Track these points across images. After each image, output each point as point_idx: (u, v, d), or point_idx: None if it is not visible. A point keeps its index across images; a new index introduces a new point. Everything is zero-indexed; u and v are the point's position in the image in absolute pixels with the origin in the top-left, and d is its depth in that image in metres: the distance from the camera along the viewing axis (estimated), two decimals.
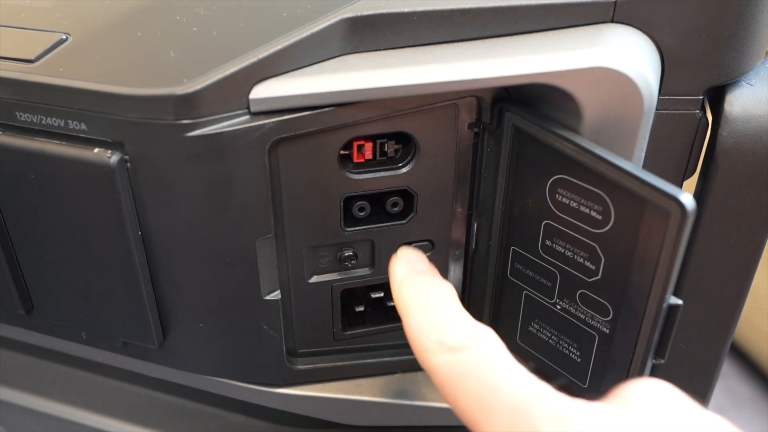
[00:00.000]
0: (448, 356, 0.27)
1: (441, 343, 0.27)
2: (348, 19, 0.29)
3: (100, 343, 0.39)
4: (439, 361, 0.27)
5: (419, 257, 0.34)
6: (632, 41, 0.29)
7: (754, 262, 0.34)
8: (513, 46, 0.30)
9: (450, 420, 0.40)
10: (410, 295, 0.30)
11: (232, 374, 0.38)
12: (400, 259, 0.33)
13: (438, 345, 0.27)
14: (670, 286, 0.28)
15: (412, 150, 0.34)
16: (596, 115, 0.30)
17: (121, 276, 0.33)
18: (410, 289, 0.31)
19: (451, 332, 0.28)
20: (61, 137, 0.30)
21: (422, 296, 0.30)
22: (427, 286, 0.31)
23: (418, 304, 0.30)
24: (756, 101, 0.32)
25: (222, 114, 0.29)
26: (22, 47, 0.31)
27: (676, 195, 0.25)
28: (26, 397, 0.48)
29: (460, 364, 0.26)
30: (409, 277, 0.32)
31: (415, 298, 0.30)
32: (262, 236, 0.33)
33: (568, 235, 0.31)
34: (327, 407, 0.40)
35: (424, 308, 0.29)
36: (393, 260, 0.33)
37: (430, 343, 0.28)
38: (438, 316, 0.29)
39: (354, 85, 0.29)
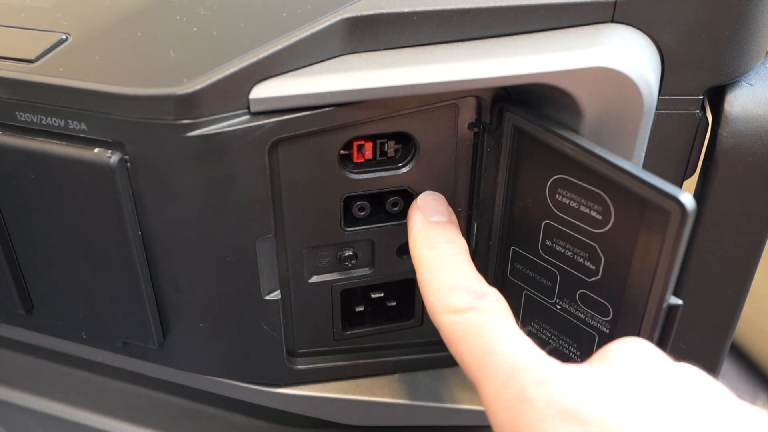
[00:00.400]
0: (453, 316, 0.28)
1: (446, 303, 0.29)
2: (348, 19, 0.29)
3: (100, 343, 0.39)
4: (445, 320, 0.28)
5: (438, 206, 0.34)
6: (632, 41, 0.29)
7: (754, 262, 0.34)
8: (513, 46, 0.30)
9: (450, 420, 0.40)
10: (422, 252, 0.32)
11: (232, 374, 0.38)
12: (418, 206, 0.34)
13: (443, 305, 0.29)
14: (670, 286, 0.28)
15: (412, 150, 0.34)
16: (596, 115, 0.30)
17: (121, 276, 0.33)
18: (423, 246, 0.32)
19: (455, 293, 0.29)
20: (61, 137, 0.30)
21: (434, 253, 0.31)
22: (440, 242, 0.32)
23: (429, 261, 0.31)
24: (756, 101, 0.32)
25: (222, 114, 0.29)
26: (22, 47, 0.31)
27: (676, 195, 0.25)
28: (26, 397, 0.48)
29: (462, 324, 0.28)
30: (423, 231, 0.32)
31: (427, 255, 0.31)
32: (262, 236, 0.33)
33: (568, 235, 0.31)
34: (327, 407, 0.40)
35: (434, 266, 0.31)
36: (412, 208, 0.34)
37: (437, 302, 0.29)
38: (446, 275, 0.30)
39: (354, 85, 0.29)
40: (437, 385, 0.40)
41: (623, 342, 0.26)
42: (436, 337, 0.40)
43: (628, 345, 0.26)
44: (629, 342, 0.26)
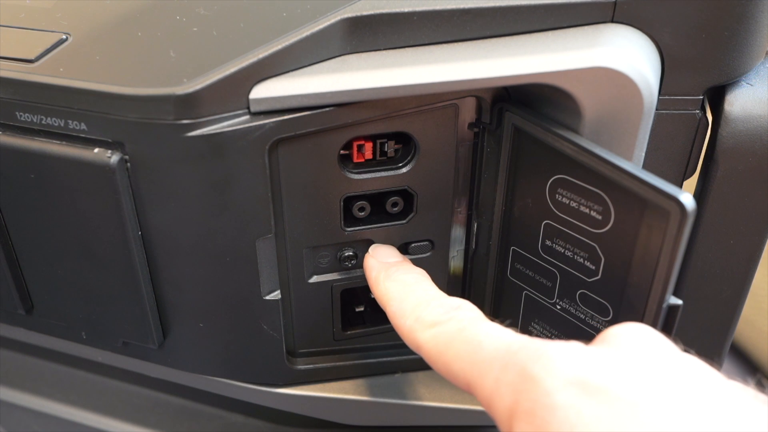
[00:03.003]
0: (432, 330, 0.28)
1: (423, 321, 0.29)
2: (348, 19, 0.29)
3: (100, 343, 0.39)
4: (424, 336, 0.29)
5: (390, 251, 0.35)
6: (632, 41, 0.29)
7: (754, 262, 0.34)
8: (513, 46, 0.30)
9: (450, 420, 0.40)
10: (387, 286, 0.33)
11: (232, 374, 0.38)
12: (372, 255, 0.35)
13: (420, 323, 0.29)
14: (670, 286, 0.28)
15: (412, 150, 0.34)
16: (596, 115, 0.30)
17: (121, 276, 0.33)
18: (386, 281, 0.33)
19: (430, 309, 0.30)
20: (61, 137, 0.30)
21: (397, 285, 0.32)
22: (402, 274, 0.33)
23: (395, 292, 0.32)
24: (756, 101, 0.32)
25: (222, 114, 0.29)
26: (22, 47, 0.31)
27: (676, 195, 0.25)
28: (26, 397, 0.48)
29: (444, 334, 0.28)
30: (384, 270, 0.34)
31: (392, 287, 0.32)
32: (262, 236, 0.33)
33: (568, 235, 0.31)
34: (327, 407, 0.40)
35: (402, 294, 0.32)
36: (366, 258, 0.35)
37: (412, 323, 0.30)
38: (415, 298, 0.31)
39: (354, 85, 0.29)
40: (437, 385, 0.40)
41: (623, 325, 0.26)
42: None
43: (629, 328, 0.25)
44: (629, 325, 0.26)
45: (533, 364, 0.23)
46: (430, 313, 0.29)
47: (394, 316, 0.31)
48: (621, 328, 0.26)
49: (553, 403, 0.22)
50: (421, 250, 0.36)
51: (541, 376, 0.23)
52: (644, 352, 0.24)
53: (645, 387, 0.22)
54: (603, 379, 0.22)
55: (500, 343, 0.25)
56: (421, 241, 0.36)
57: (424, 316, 0.29)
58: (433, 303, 0.30)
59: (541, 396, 0.22)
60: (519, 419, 0.23)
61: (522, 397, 0.23)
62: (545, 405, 0.22)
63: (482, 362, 0.25)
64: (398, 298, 0.31)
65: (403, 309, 0.31)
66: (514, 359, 0.24)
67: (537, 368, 0.23)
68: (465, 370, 0.26)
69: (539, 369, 0.23)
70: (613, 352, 0.24)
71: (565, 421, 0.22)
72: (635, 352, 0.24)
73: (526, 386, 0.23)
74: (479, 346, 0.26)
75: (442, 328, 0.28)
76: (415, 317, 0.30)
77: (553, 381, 0.22)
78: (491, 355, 0.25)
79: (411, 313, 0.30)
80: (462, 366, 0.26)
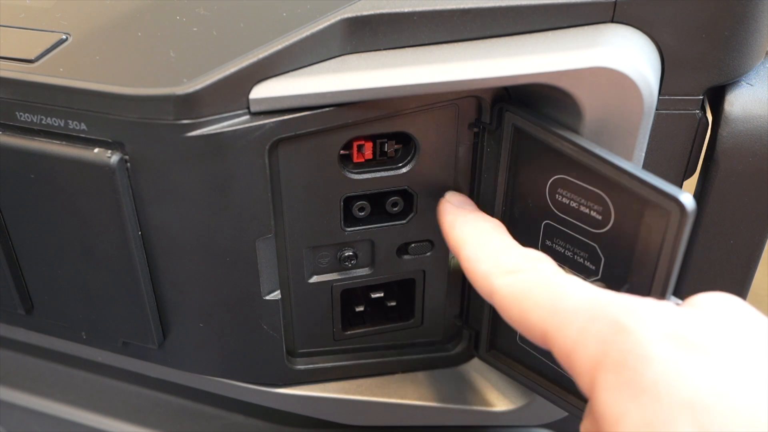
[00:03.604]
0: (511, 277, 0.27)
1: (502, 266, 0.28)
2: (348, 19, 0.29)
3: (100, 343, 0.39)
4: (502, 282, 0.27)
5: (466, 199, 0.34)
6: (632, 41, 0.29)
7: (754, 262, 0.34)
8: (513, 46, 0.30)
9: (450, 420, 0.40)
10: (464, 230, 0.31)
11: (232, 374, 0.38)
12: (448, 200, 0.34)
13: (499, 268, 0.28)
14: (670, 286, 0.28)
15: (412, 150, 0.34)
16: (596, 115, 0.30)
17: (121, 276, 0.33)
18: (463, 225, 0.31)
19: (510, 256, 0.28)
20: (61, 137, 0.30)
21: (475, 229, 0.31)
22: (478, 221, 0.32)
23: (473, 236, 0.31)
24: (756, 101, 0.32)
25: (222, 114, 0.29)
26: (22, 47, 0.31)
27: (676, 195, 0.25)
28: (26, 397, 0.48)
29: (524, 281, 0.27)
30: (460, 215, 0.32)
31: (469, 231, 0.31)
32: (262, 236, 0.33)
33: (568, 235, 0.31)
34: (327, 407, 0.40)
35: (480, 239, 0.30)
36: (441, 202, 0.34)
37: (490, 267, 0.28)
38: (494, 244, 0.30)
39: (354, 85, 0.29)
40: (437, 385, 0.40)
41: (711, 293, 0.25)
42: (436, 337, 0.40)
43: (717, 294, 0.25)
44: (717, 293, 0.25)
45: (627, 316, 0.23)
46: (509, 259, 0.28)
47: (468, 260, 0.29)
48: (709, 295, 0.25)
49: (649, 354, 0.21)
50: (421, 250, 0.36)
51: (636, 327, 0.22)
52: (735, 315, 0.24)
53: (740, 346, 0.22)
54: (699, 336, 0.22)
55: (587, 294, 0.25)
56: (421, 241, 0.36)
57: (504, 262, 0.28)
58: (514, 250, 0.29)
59: (636, 346, 0.22)
60: (606, 369, 0.22)
61: (612, 347, 0.22)
62: (639, 355, 0.21)
63: (566, 311, 0.24)
64: (474, 242, 0.30)
65: (478, 253, 0.29)
66: (604, 311, 0.23)
67: (631, 320, 0.22)
68: (545, 319, 0.25)
69: (634, 320, 0.22)
70: (706, 313, 0.24)
71: (662, 372, 0.21)
72: (727, 315, 0.24)
73: (618, 337, 0.22)
74: (563, 296, 0.25)
75: (523, 276, 0.27)
76: (493, 262, 0.28)
77: (649, 333, 0.22)
78: (577, 305, 0.24)
79: (488, 257, 0.29)
80: (542, 314, 0.25)
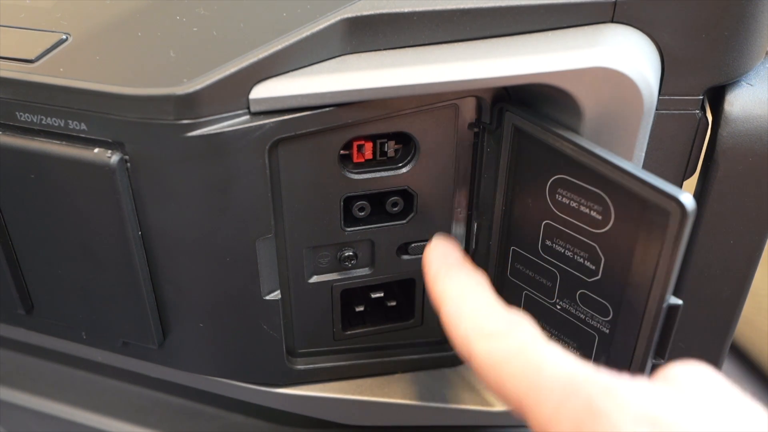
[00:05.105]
0: (489, 342, 0.27)
1: (480, 329, 0.27)
2: (348, 19, 0.29)
3: (100, 343, 0.39)
4: (480, 347, 0.27)
5: (451, 249, 0.34)
6: (632, 41, 0.29)
7: (754, 262, 0.34)
8: (513, 46, 0.30)
9: (450, 420, 0.40)
10: (446, 285, 0.31)
11: (232, 374, 0.38)
12: (433, 249, 0.33)
13: (477, 332, 0.27)
14: (670, 286, 0.28)
15: (412, 150, 0.34)
16: (596, 115, 0.30)
17: (121, 276, 0.33)
18: (445, 280, 0.31)
19: (489, 319, 0.28)
20: (61, 137, 0.30)
21: (457, 286, 0.30)
22: (462, 276, 0.31)
23: (454, 293, 0.30)
24: (756, 101, 0.32)
25: (222, 114, 0.29)
26: (22, 47, 0.31)
27: (676, 195, 0.25)
28: (26, 397, 0.48)
29: (501, 349, 0.26)
30: (443, 268, 0.32)
31: (451, 287, 0.31)
32: (262, 236, 0.33)
33: (568, 235, 0.31)
34: (327, 407, 0.40)
35: (461, 297, 0.30)
36: (426, 251, 0.33)
37: (469, 330, 0.28)
38: (475, 304, 0.29)
39: (354, 85, 0.29)
40: (437, 385, 0.40)
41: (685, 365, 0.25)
42: (436, 337, 0.40)
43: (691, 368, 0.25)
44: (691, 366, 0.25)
45: (602, 397, 0.23)
46: (488, 323, 0.28)
47: (448, 319, 0.29)
48: (683, 368, 0.25)
49: None
50: (421, 250, 0.36)
51: (610, 409, 0.22)
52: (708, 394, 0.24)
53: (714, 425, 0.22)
54: (673, 417, 0.22)
55: (563, 369, 0.24)
56: (421, 241, 0.36)
57: (483, 325, 0.27)
58: (493, 313, 0.28)
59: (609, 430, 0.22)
60: None
61: (586, 428, 0.22)
62: None
63: (542, 386, 0.24)
64: (455, 299, 0.30)
65: (459, 313, 0.29)
66: (580, 389, 0.23)
67: (606, 402, 0.22)
68: (520, 391, 0.25)
69: (608, 403, 0.22)
70: (680, 392, 0.24)
71: None
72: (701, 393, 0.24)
73: (591, 419, 0.22)
74: (540, 369, 0.25)
75: (501, 342, 0.26)
76: (472, 324, 0.28)
77: (623, 416, 0.22)
78: (553, 381, 0.24)
79: (468, 318, 0.28)
80: (517, 386, 0.25)
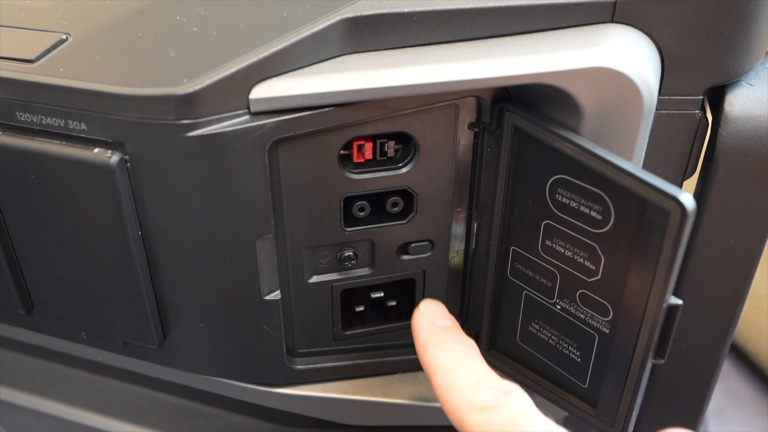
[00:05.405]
0: (480, 415, 0.28)
1: (471, 402, 0.28)
2: (348, 19, 0.29)
3: (100, 343, 0.39)
4: (472, 420, 0.28)
5: (441, 311, 0.34)
6: (632, 41, 0.29)
7: (754, 262, 0.34)
8: (513, 46, 0.30)
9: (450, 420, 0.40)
10: (436, 356, 0.32)
11: (232, 374, 0.38)
12: (422, 314, 0.34)
13: (468, 405, 0.28)
14: (670, 286, 0.28)
15: (412, 150, 0.34)
16: (596, 115, 0.30)
17: (121, 276, 0.33)
18: (435, 350, 0.32)
19: (480, 391, 0.29)
20: (61, 137, 0.30)
21: (448, 356, 0.31)
22: (452, 344, 0.32)
23: (444, 364, 0.31)
24: (756, 101, 0.32)
25: (222, 114, 0.29)
26: (22, 47, 0.31)
27: (676, 195, 0.25)
28: (26, 397, 0.48)
29: (492, 422, 0.27)
30: (432, 337, 0.32)
31: (441, 358, 0.31)
32: (262, 236, 0.33)
33: (568, 235, 0.31)
34: (327, 407, 0.40)
35: (451, 368, 0.31)
36: (415, 315, 0.34)
37: (460, 402, 0.29)
38: (465, 375, 0.30)
39: (354, 85, 0.29)
40: None
41: None
42: None
43: None
44: None
45: None
46: (479, 395, 0.28)
47: (440, 390, 0.30)
48: None
49: None
50: (421, 250, 0.36)
51: None
52: None
53: None
54: None
55: None
56: (421, 241, 0.36)
57: (473, 398, 0.28)
58: (483, 384, 0.29)
59: None
60: None
61: None
62: None
63: None
64: (446, 371, 0.30)
65: (450, 384, 0.30)
66: None
67: None
68: None
69: None
70: None
71: None
72: None
73: None
74: None
75: (492, 415, 0.27)
76: (464, 396, 0.29)
77: None
78: None
79: (459, 390, 0.29)
80: None
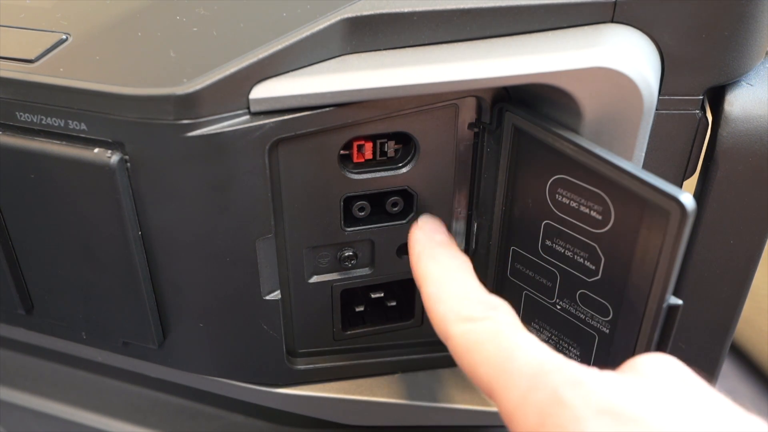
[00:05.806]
0: (465, 325, 0.27)
1: (458, 312, 0.28)
2: (348, 19, 0.29)
3: (100, 343, 0.39)
4: (457, 330, 0.28)
5: (438, 227, 0.34)
6: (632, 41, 0.29)
7: (754, 262, 0.34)
8: (513, 46, 0.30)
9: (450, 420, 0.40)
10: (428, 266, 0.31)
11: (232, 374, 0.38)
12: (419, 227, 0.34)
13: (455, 314, 0.28)
14: (670, 286, 0.28)
15: (412, 150, 0.34)
16: (596, 115, 0.30)
17: (121, 276, 0.33)
18: (428, 260, 0.31)
19: (468, 303, 0.28)
20: (61, 137, 0.30)
21: (440, 267, 0.31)
22: (445, 257, 0.32)
23: (436, 274, 0.31)
24: (756, 101, 0.32)
25: (222, 114, 0.29)
26: (22, 47, 0.31)
27: (676, 195, 0.25)
28: (26, 397, 0.48)
29: (477, 333, 0.27)
30: (427, 249, 0.32)
31: (434, 269, 0.31)
32: (262, 236, 0.33)
33: (568, 235, 0.31)
34: (327, 407, 0.40)
35: (442, 279, 0.30)
36: (413, 228, 0.34)
37: (447, 312, 0.28)
38: (455, 287, 0.30)
39: (354, 85, 0.29)
40: (437, 385, 0.40)
41: (652, 355, 0.26)
42: (436, 337, 0.40)
43: (657, 359, 0.25)
44: (657, 356, 0.25)
45: (566, 389, 0.23)
46: (466, 306, 0.28)
47: (428, 300, 0.30)
48: (649, 358, 0.25)
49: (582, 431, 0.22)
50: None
51: (574, 402, 0.22)
52: (674, 385, 0.24)
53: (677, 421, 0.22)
54: (637, 409, 0.22)
55: (534, 358, 0.25)
56: None
57: (460, 308, 0.28)
58: (472, 296, 0.29)
59: (570, 422, 0.22)
60: None
61: (549, 420, 0.23)
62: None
63: (511, 373, 0.25)
64: (437, 281, 0.30)
65: (439, 294, 0.29)
66: (546, 379, 0.24)
67: (570, 394, 0.23)
68: (491, 376, 0.25)
69: (572, 395, 0.23)
70: (644, 383, 0.24)
71: None
72: (666, 384, 0.24)
73: (555, 410, 0.23)
74: (511, 356, 0.25)
75: (476, 326, 0.27)
76: (451, 306, 0.28)
77: (586, 409, 0.22)
78: (522, 369, 0.24)
79: (447, 300, 0.29)
80: (488, 371, 0.25)
